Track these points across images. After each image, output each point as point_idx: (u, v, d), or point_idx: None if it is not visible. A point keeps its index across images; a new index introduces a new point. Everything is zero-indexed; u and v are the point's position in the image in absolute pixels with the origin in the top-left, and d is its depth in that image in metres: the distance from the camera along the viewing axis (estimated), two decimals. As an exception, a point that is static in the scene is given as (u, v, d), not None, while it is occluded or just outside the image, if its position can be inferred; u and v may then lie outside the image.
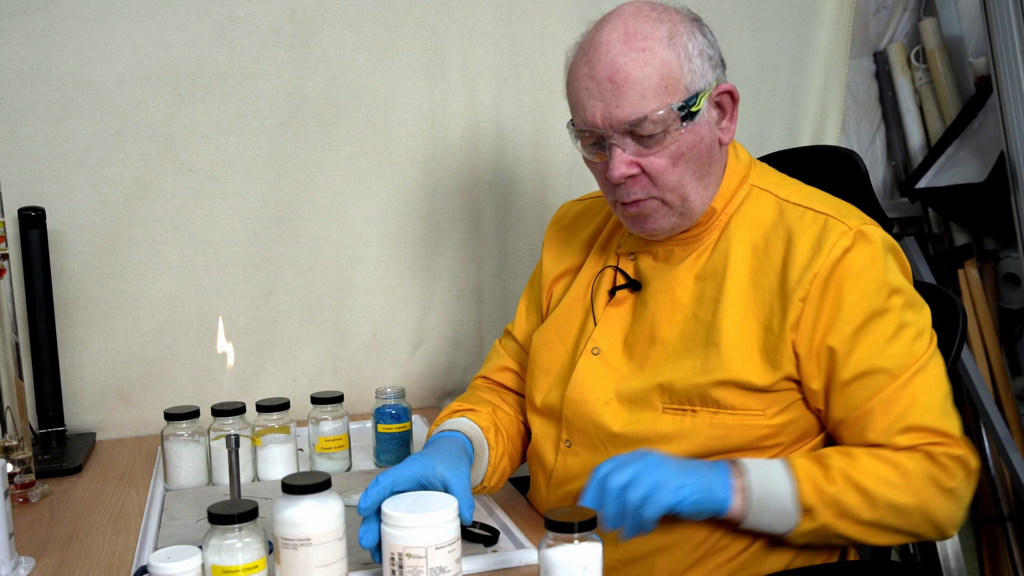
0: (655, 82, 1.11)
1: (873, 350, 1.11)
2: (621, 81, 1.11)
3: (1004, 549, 2.38)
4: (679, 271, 1.22)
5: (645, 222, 1.21)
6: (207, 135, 1.75)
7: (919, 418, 1.10)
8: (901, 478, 1.08)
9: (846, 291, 1.12)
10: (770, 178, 1.25)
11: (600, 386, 1.24)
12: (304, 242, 1.83)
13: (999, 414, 2.29)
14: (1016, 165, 2.11)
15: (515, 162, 1.93)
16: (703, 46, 1.16)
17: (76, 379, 1.73)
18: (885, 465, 1.09)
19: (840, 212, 1.17)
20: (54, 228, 1.68)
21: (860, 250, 1.13)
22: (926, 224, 2.45)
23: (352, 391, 1.81)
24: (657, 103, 1.11)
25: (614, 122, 1.13)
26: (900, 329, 1.12)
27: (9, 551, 1.12)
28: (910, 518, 1.09)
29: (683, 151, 1.15)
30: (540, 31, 1.92)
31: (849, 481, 1.08)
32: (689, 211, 1.20)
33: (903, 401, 1.10)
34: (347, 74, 1.81)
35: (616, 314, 1.27)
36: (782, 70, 2.13)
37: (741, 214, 1.21)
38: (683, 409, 1.17)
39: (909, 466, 1.08)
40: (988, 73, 2.19)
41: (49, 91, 1.66)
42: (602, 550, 0.93)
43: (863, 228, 1.14)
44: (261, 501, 1.15)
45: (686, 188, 1.17)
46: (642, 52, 1.11)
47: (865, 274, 1.12)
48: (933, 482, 1.08)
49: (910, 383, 1.10)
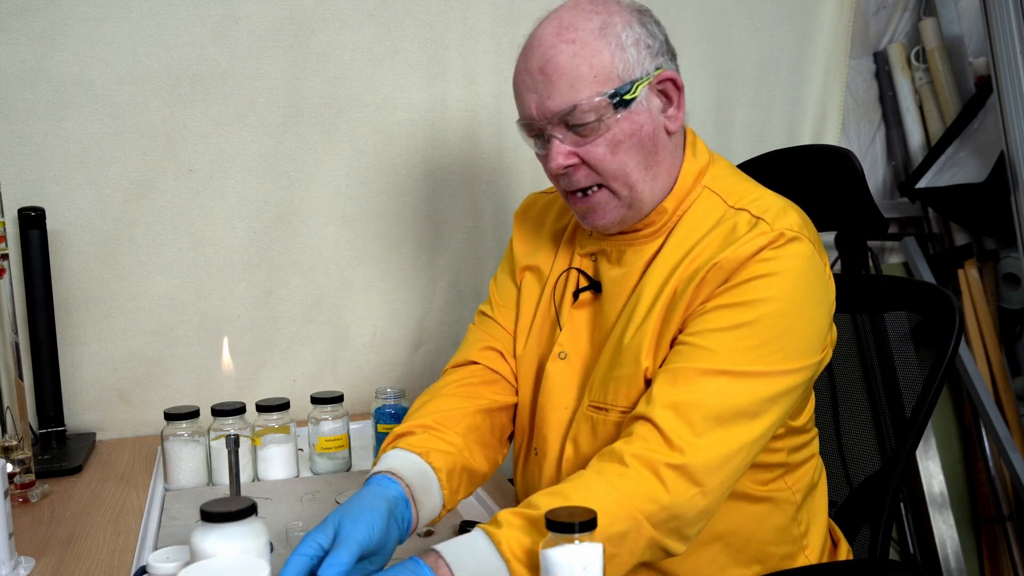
0: (584, 71, 1.12)
1: (718, 333, 1.06)
2: (551, 72, 1.14)
3: (1004, 549, 2.38)
4: (631, 274, 1.20)
5: (595, 216, 1.19)
6: (207, 135, 1.75)
7: (689, 408, 1.03)
8: (615, 501, 0.98)
9: (734, 281, 1.08)
10: (724, 181, 1.21)
11: (567, 392, 1.23)
12: (304, 242, 1.83)
13: (999, 414, 2.29)
14: (1016, 165, 2.11)
15: (515, 162, 1.94)
16: (640, 35, 1.15)
17: (76, 379, 1.73)
18: (596, 490, 0.99)
19: (777, 219, 1.11)
20: (54, 228, 1.68)
21: (776, 251, 1.08)
22: (926, 224, 2.45)
23: (352, 391, 1.81)
24: (588, 92, 1.12)
25: (547, 113, 1.15)
26: (765, 335, 1.06)
27: (9, 551, 1.12)
28: (633, 541, 0.99)
29: (621, 139, 1.14)
30: (540, 31, 1.92)
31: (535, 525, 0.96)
32: (637, 201, 1.17)
33: (697, 386, 1.04)
34: (347, 74, 1.81)
35: (580, 316, 1.25)
36: (782, 70, 2.13)
37: (688, 217, 1.18)
38: (601, 408, 1.16)
39: (624, 483, 0.99)
40: (988, 73, 2.19)
41: (49, 91, 1.67)
42: (603, 550, 0.92)
43: (788, 232, 1.09)
44: (261, 501, 1.15)
45: (631, 176, 1.16)
46: (572, 43, 1.13)
47: (769, 273, 1.07)
48: (649, 499, 0.99)
49: (717, 379, 1.04)
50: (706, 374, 1.05)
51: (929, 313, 1.34)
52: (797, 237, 1.10)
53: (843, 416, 1.55)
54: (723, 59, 2.08)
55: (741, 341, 1.06)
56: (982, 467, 2.41)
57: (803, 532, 1.22)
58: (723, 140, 2.10)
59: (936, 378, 1.28)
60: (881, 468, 1.42)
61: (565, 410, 1.22)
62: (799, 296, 1.09)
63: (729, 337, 1.06)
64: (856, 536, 1.39)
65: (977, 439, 2.41)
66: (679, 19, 2.02)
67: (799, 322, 1.09)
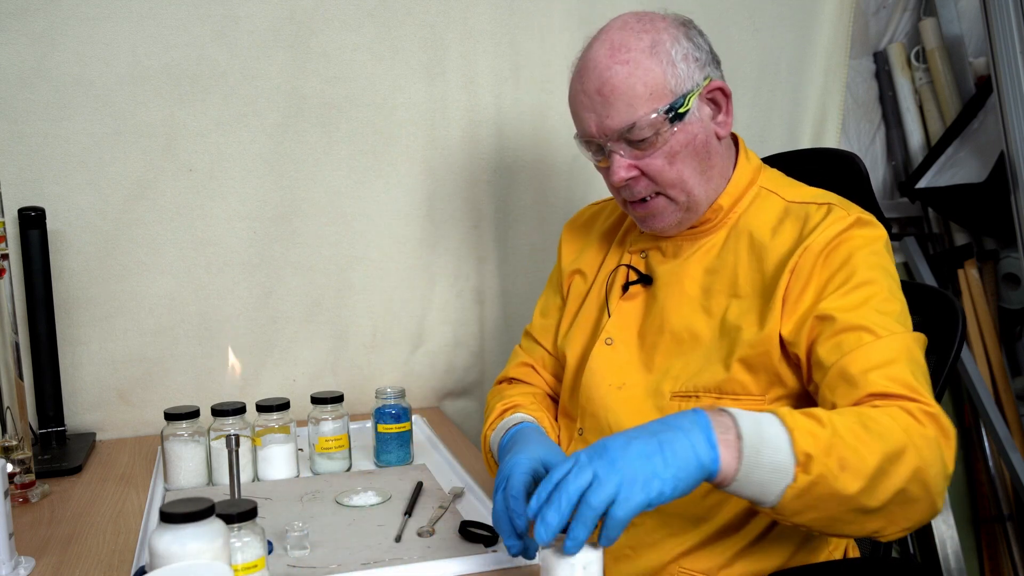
0: (640, 90, 1.19)
1: (863, 310, 1.10)
2: (608, 93, 1.20)
3: (1004, 549, 2.38)
4: (688, 265, 1.27)
5: (654, 221, 1.27)
6: (207, 135, 1.75)
7: (900, 372, 1.05)
8: (889, 421, 0.99)
9: (836, 261, 1.14)
10: (777, 181, 1.30)
11: (613, 372, 1.29)
12: (304, 242, 1.83)
13: (999, 414, 2.29)
14: (1016, 165, 2.11)
15: (515, 162, 1.94)
16: (688, 50, 1.22)
17: (76, 379, 1.73)
18: (870, 413, 1.01)
19: (844, 204, 1.21)
20: (54, 228, 1.68)
21: (857, 231, 1.16)
22: (926, 224, 2.45)
23: (352, 391, 1.81)
24: (644, 109, 1.19)
25: (607, 131, 1.21)
26: (888, 303, 1.12)
27: (9, 551, 1.12)
28: (905, 466, 0.97)
29: (677, 150, 1.21)
30: (540, 31, 1.92)
31: (843, 425, 0.98)
32: (695, 204, 1.25)
33: (887, 353, 1.07)
34: (347, 74, 1.81)
35: (629, 308, 1.32)
36: (782, 70, 2.13)
37: (750, 213, 1.26)
38: (688, 396, 1.21)
39: (890, 415, 1.01)
40: (988, 73, 2.19)
41: (49, 91, 1.67)
42: (602, 554, 0.93)
43: (863, 217, 1.18)
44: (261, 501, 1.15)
45: (688, 183, 1.23)
46: (626, 64, 1.19)
47: (858, 249, 1.14)
48: (915, 431, 1.00)
49: (894, 345, 1.08)
50: (892, 351, 1.06)
51: (930, 316, 1.34)
52: (873, 222, 1.18)
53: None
54: (723, 59, 2.07)
55: (884, 313, 1.09)
56: (982, 467, 2.41)
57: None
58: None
59: (939, 382, 1.28)
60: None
61: (610, 387, 1.28)
62: (894, 271, 1.16)
63: (874, 312, 1.09)
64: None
65: (977, 439, 2.41)
66: (679, 19, 2.02)
67: (900, 293, 1.15)
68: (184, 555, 0.88)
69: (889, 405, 1.02)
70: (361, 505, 1.33)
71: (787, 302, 1.15)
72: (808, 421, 0.97)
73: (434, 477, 1.46)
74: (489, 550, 1.16)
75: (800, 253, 1.15)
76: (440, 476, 1.47)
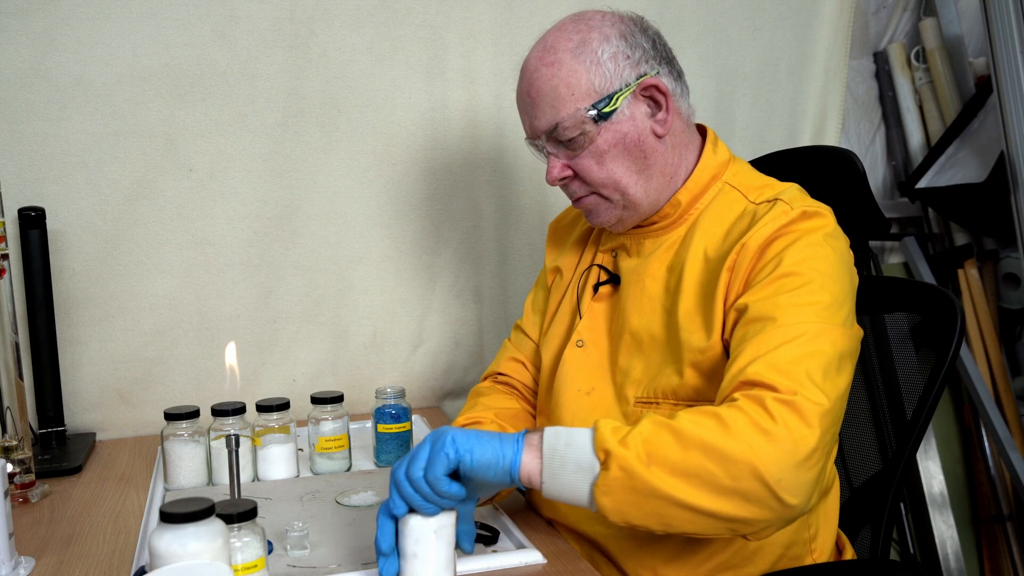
0: (562, 91, 1.20)
1: (776, 301, 1.07)
2: (535, 94, 1.22)
3: (1004, 549, 2.38)
4: (650, 263, 1.26)
5: (593, 217, 1.29)
6: (207, 135, 1.75)
7: (780, 359, 1.01)
8: (718, 422, 0.97)
9: (769, 254, 1.12)
10: (743, 177, 1.26)
11: (583, 376, 1.29)
12: (304, 242, 1.83)
13: (999, 414, 2.29)
14: (1016, 165, 2.11)
15: (515, 162, 1.94)
16: (618, 48, 1.21)
17: (76, 379, 1.73)
18: (702, 413, 0.99)
19: (797, 198, 1.17)
20: (54, 228, 1.68)
21: (799, 225, 1.12)
22: (926, 224, 2.45)
23: (352, 391, 1.81)
24: (568, 110, 1.19)
25: (537, 131, 1.24)
26: (814, 297, 1.07)
27: (9, 551, 1.12)
28: (732, 467, 0.94)
29: (605, 149, 1.21)
30: (540, 31, 1.90)
31: (656, 424, 0.98)
32: (632, 203, 1.24)
33: (775, 340, 1.03)
34: (347, 74, 1.81)
35: (599, 308, 1.32)
36: (782, 70, 2.13)
37: (710, 211, 1.24)
38: (649, 402, 1.21)
39: (730, 413, 0.97)
40: (988, 73, 2.19)
41: (49, 91, 1.67)
42: (455, 517, 1.01)
43: (808, 208, 1.14)
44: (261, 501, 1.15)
45: (620, 182, 1.23)
46: (550, 66, 1.21)
47: (795, 241, 1.11)
48: (755, 426, 0.96)
49: (797, 339, 1.03)
50: (784, 338, 1.03)
51: (930, 314, 1.34)
52: (819, 212, 1.15)
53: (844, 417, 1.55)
54: (723, 59, 2.08)
55: (800, 304, 1.06)
56: (982, 467, 2.41)
57: (812, 536, 1.23)
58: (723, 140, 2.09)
59: (937, 379, 1.28)
60: (882, 469, 1.42)
61: (578, 392, 1.28)
62: (834, 263, 1.11)
63: (787, 302, 1.06)
64: (857, 537, 1.39)
65: (977, 439, 2.41)
66: (679, 19, 2.02)
67: (837, 286, 1.10)
68: (184, 555, 0.88)
69: (743, 398, 0.99)
70: (361, 505, 1.33)
71: (727, 301, 1.14)
72: (617, 423, 1.01)
73: (434, 477, 1.46)
74: (489, 550, 1.16)
75: (738, 251, 1.14)
76: (440, 476, 1.47)
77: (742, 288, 1.13)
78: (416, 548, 0.98)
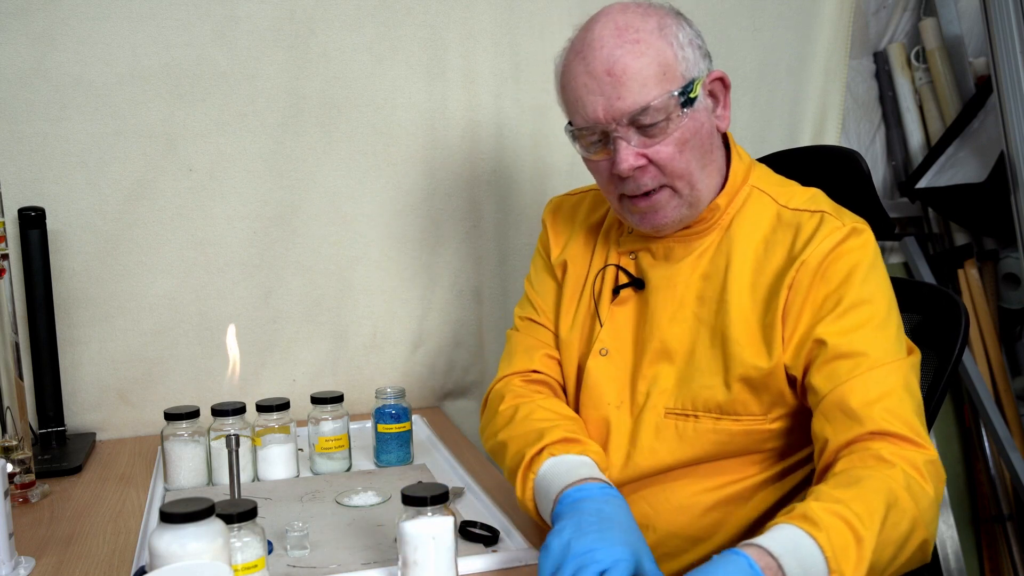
0: (653, 70, 1.12)
1: (858, 334, 1.09)
2: (620, 72, 1.12)
3: (1004, 549, 2.38)
4: (680, 269, 1.22)
5: (655, 216, 1.20)
6: (207, 135, 1.75)
7: (899, 405, 1.05)
8: (905, 497, 0.99)
9: (833, 279, 1.12)
10: (768, 180, 1.25)
11: (611, 388, 1.24)
12: (304, 242, 1.83)
13: (999, 414, 2.29)
14: (1016, 165, 2.11)
15: (515, 162, 1.93)
16: (691, 36, 1.17)
17: (76, 379, 1.73)
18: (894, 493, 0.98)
19: (836, 211, 1.18)
20: (54, 228, 1.68)
21: (851, 244, 1.13)
22: (926, 224, 2.45)
23: (352, 391, 1.81)
24: (658, 91, 1.12)
25: (617, 114, 1.13)
26: (885, 322, 1.11)
27: (9, 551, 1.12)
28: (913, 542, 1.00)
29: (687, 137, 1.15)
30: (540, 31, 1.92)
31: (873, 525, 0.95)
32: (697, 200, 1.19)
33: (885, 385, 1.06)
34: (347, 74, 1.81)
35: (621, 313, 1.27)
36: (782, 70, 2.13)
37: (743, 215, 1.21)
38: (686, 415, 1.18)
39: (903, 484, 0.99)
40: (988, 73, 2.19)
41: (49, 91, 1.67)
42: (453, 523, 0.99)
43: (856, 226, 1.15)
44: (261, 501, 1.15)
45: (694, 175, 1.17)
46: (636, 43, 1.13)
47: (855, 266, 1.12)
48: (922, 498, 1.00)
49: (892, 374, 1.07)
50: (886, 381, 1.06)
51: (932, 315, 1.33)
52: (865, 228, 1.15)
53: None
54: (723, 59, 2.08)
55: (880, 337, 1.09)
56: (982, 467, 2.41)
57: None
58: (723, 140, 2.10)
59: (941, 381, 1.27)
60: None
61: (608, 406, 1.23)
62: (888, 282, 1.15)
63: (870, 336, 1.09)
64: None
65: (977, 439, 2.41)
66: (679, 19, 2.02)
67: (895, 308, 1.14)
68: (184, 555, 0.88)
69: (895, 461, 1.00)
70: (361, 505, 1.33)
71: (787, 321, 1.13)
72: (845, 540, 0.92)
73: (434, 477, 1.46)
74: (489, 550, 1.16)
75: (797, 268, 1.12)
76: (440, 476, 1.47)
77: (809, 313, 1.11)
78: (416, 556, 0.98)
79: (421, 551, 0.98)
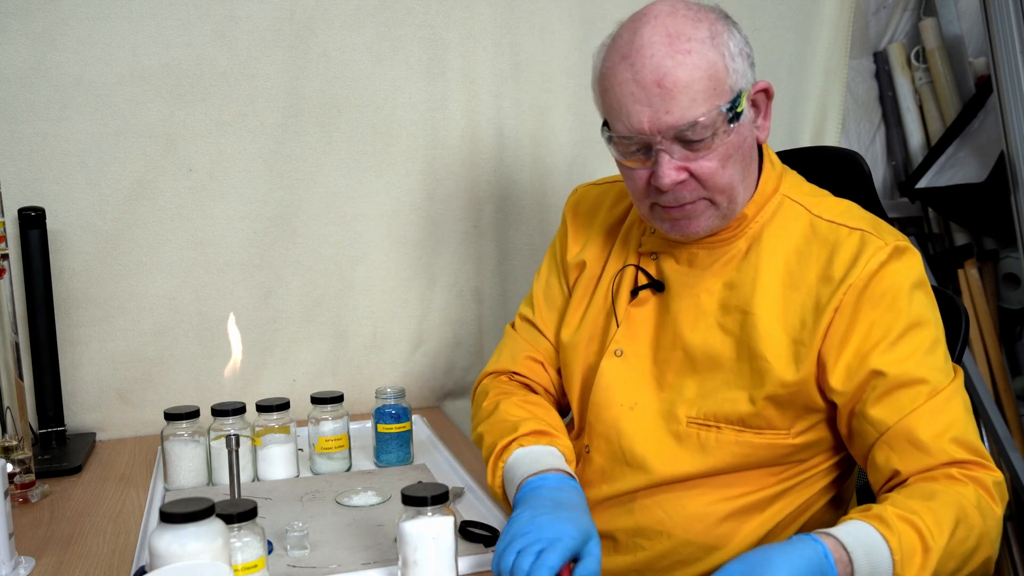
0: (704, 85, 1.07)
1: (914, 361, 1.09)
2: (671, 85, 1.07)
3: (1004, 549, 2.38)
4: (705, 276, 1.19)
5: (688, 225, 1.16)
6: (207, 135, 1.75)
7: (964, 433, 1.07)
8: (974, 513, 1.02)
9: (880, 303, 1.10)
10: (801, 189, 1.22)
11: (624, 390, 1.22)
12: (304, 242, 1.83)
13: (999, 414, 2.29)
14: (1016, 165, 2.11)
15: (515, 162, 1.93)
16: (741, 44, 1.12)
17: (76, 379, 1.73)
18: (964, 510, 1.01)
19: (876, 228, 1.15)
20: (54, 228, 1.68)
21: (896, 265, 1.11)
22: (926, 224, 2.45)
23: (352, 391, 1.81)
24: (707, 106, 1.07)
25: (663, 127, 1.08)
26: (936, 343, 1.11)
27: (9, 551, 1.12)
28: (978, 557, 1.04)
29: (730, 152, 1.11)
30: (540, 31, 1.92)
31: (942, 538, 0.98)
32: (732, 212, 1.16)
33: (949, 413, 1.08)
34: (347, 74, 1.81)
35: (638, 315, 1.24)
36: (782, 70, 2.13)
37: (773, 225, 1.18)
38: (707, 425, 1.16)
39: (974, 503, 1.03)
40: (988, 73, 2.19)
41: (49, 91, 1.67)
42: (453, 523, 0.99)
43: (899, 244, 1.13)
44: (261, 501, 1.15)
45: (735, 189, 1.14)
46: (688, 54, 1.07)
47: (902, 288, 1.11)
48: (990, 516, 1.04)
49: (952, 398, 1.08)
50: (950, 408, 1.08)
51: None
52: (908, 247, 1.14)
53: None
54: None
55: (934, 361, 1.10)
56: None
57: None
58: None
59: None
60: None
61: (621, 407, 1.21)
62: (933, 301, 1.15)
63: (927, 362, 1.09)
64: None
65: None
66: (679, 19, 2.02)
67: (941, 328, 1.14)
68: (184, 555, 0.88)
69: (966, 480, 1.04)
70: (361, 505, 1.33)
71: (831, 345, 1.11)
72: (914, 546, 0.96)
73: (434, 477, 1.46)
74: (489, 550, 1.16)
75: (844, 291, 1.10)
76: (440, 476, 1.47)
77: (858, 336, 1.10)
78: (416, 556, 0.98)
79: (421, 551, 0.98)
